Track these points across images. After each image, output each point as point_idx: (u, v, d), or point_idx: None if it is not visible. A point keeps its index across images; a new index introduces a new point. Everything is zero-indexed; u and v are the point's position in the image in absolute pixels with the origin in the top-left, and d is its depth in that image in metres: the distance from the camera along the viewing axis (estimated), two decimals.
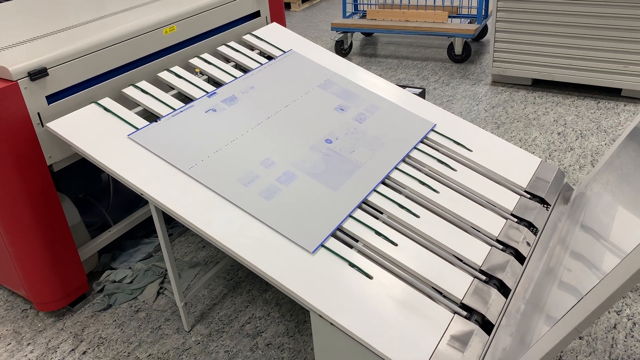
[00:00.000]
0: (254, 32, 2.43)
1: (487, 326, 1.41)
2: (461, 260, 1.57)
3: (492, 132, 3.06)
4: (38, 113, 1.79)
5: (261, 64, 2.23)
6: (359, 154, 1.81)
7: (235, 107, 1.92)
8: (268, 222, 1.53)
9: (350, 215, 1.61)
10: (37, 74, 1.75)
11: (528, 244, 1.67)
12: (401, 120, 2.01)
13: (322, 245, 1.50)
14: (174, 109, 1.87)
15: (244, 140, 1.79)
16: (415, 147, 1.91)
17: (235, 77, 2.11)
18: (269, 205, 1.58)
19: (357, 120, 1.96)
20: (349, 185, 1.69)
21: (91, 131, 1.75)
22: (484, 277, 1.52)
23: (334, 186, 1.68)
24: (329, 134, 1.88)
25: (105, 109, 1.85)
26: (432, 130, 2.01)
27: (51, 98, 1.82)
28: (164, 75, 2.09)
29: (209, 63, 2.19)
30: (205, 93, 1.97)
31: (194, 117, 1.85)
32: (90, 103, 1.89)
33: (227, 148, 1.74)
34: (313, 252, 1.47)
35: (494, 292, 1.48)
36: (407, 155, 1.87)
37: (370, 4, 4.63)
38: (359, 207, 1.65)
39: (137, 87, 1.99)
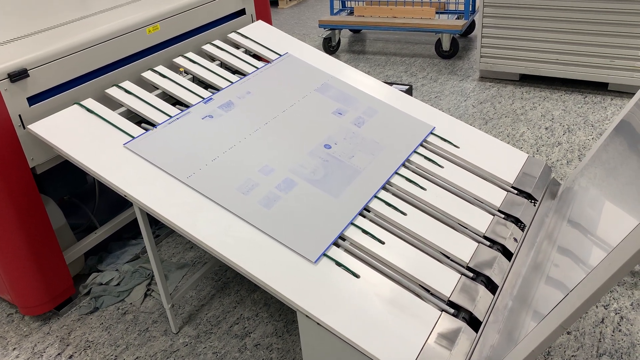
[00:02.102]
0: (239, 30, 2.42)
1: (474, 323, 1.41)
2: (448, 258, 1.57)
3: (480, 128, 3.06)
4: (19, 115, 1.76)
5: (248, 62, 2.21)
6: (358, 160, 1.78)
7: (232, 113, 1.89)
8: (269, 232, 1.50)
9: (351, 223, 1.58)
10: (18, 75, 1.72)
11: (515, 239, 1.67)
12: (400, 124, 1.98)
13: (324, 254, 1.47)
14: (170, 116, 1.84)
15: (241, 147, 1.76)
16: (414, 151, 1.88)
17: (222, 76, 2.09)
18: (270, 214, 1.55)
19: (355, 124, 1.94)
20: (349, 191, 1.66)
21: (74, 133, 1.73)
22: (471, 274, 1.52)
23: (335, 193, 1.65)
24: (327, 138, 1.85)
25: (88, 110, 1.82)
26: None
27: (32, 100, 1.80)
28: (148, 75, 2.06)
29: (194, 62, 2.17)
30: (202, 99, 1.94)
31: (191, 124, 1.82)
32: (73, 104, 1.86)
33: (224, 155, 1.71)
34: (315, 261, 1.44)
35: (482, 289, 1.47)
36: (407, 160, 1.85)
37: (358, 1, 4.62)
38: (360, 214, 1.62)
39: (120, 87, 1.97)
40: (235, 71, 2.25)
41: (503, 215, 1.74)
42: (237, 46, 2.39)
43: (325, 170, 1.72)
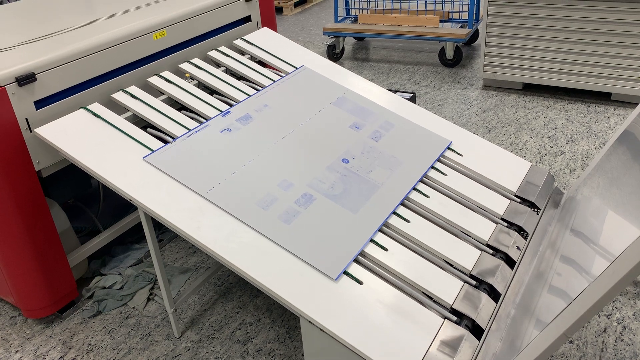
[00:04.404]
0: (244, 37, 2.43)
1: (477, 331, 1.41)
2: (451, 265, 1.57)
3: (483, 137, 3.07)
4: (26, 119, 1.77)
5: (253, 69, 2.22)
6: (376, 174, 1.78)
7: (250, 127, 1.89)
8: (290, 248, 1.50)
9: (371, 240, 1.58)
10: (25, 79, 1.74)
11: (518, 248, 1.67)
12: (416, 138, 1.98)
13: (344, 272, 1.47)
14: (189, 129, 1.85)
15: (260, 160, 1.76)
16: (432, 167, 1.88)
17: (227, 82, 2.11)
18: (289, 229, 1.55)
19: (372, 138, 1.93)
20: (368, 207, 1.66)
21: (80, 137, 1.74)
22: (474, 282, 1.52)
23: (354, 208, 1.65)
24: (345, 153, 1.84)
25: (94, 114, 1.84)
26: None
27: (39, 103, 1.81)
28: (154, 80, 2.08)
29: (199, 68, 2.19)
30: (220, 112, 1.95)
31: (209, 137, 1.81)
32: (79, 108, 1.88)
33: (243, 169, 1.71)
34: (336, 279, 1.44)
35: (484, 297, 1.48)
36: (425, 175, 1.84)
37: (362, 9, 4.64)
38: (380, 230, 1.62)
39: (126, 92, 1.99)
40: (240, 77, 2.26)
41: (506, 224, 1.75)
42: (242, 52, 2.41)
43: (344, 185, 1.72)
